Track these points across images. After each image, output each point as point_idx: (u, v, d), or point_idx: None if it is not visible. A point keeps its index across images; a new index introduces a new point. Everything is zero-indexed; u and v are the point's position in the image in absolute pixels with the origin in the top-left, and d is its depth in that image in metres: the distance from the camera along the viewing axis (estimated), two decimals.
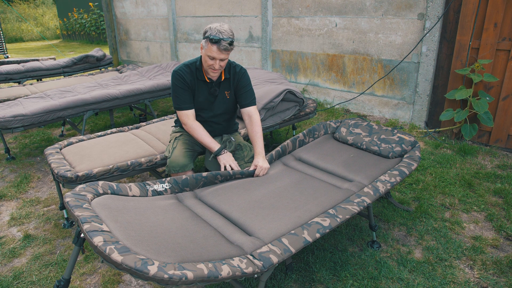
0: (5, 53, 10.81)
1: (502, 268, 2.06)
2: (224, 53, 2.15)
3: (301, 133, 2.74)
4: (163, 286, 1.25)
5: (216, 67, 2.21)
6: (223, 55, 2.16)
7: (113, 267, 1.25)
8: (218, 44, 2.11)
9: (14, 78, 5.26)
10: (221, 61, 2.20)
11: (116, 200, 1.67)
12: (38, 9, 18.39)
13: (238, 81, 2.41)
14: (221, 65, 2.22)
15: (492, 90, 3.52)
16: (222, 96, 2.43)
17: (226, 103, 2.46)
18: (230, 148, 2.43)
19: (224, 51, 2.14)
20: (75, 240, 1.56)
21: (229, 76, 2.40)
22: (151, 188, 1.95)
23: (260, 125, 2.43)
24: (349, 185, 2.16)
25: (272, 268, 1.53)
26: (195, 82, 2.36)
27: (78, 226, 1.42)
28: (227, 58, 2.22)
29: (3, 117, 3.26)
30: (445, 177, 3.03)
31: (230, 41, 2.14)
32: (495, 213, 2.56)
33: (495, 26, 3.37)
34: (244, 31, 5.77)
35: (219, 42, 2.11)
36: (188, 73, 2.33)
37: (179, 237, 1.55)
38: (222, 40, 2.11)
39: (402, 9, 4.00)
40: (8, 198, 3.01)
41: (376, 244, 2.26)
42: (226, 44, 2.12)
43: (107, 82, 4.54)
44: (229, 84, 2.43)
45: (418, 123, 4.13)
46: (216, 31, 2.11)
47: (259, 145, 2.36)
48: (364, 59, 4.46)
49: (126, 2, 7.99)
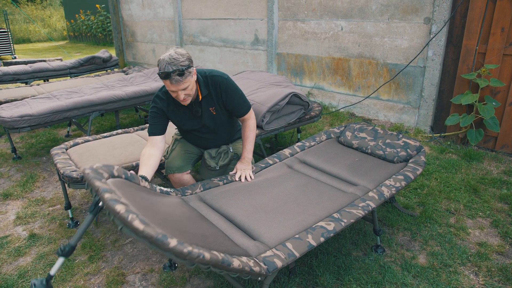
0: (13, 54, 10.92)
1: (508, 275, 2.04)
2: (180, 84, 1.97)
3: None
4: (179, 260, 1.24)
5: (181, 98, 2.03)
6: (181, 86, 1.97)
7: (133, 234, 1.23)
8: (168, 79, 1.94)
9: (22, 78, 5.31)
10: (184, 91, 2.01)
11: (129, 185, 1.67)
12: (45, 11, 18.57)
13: (221, 96, 2.22)
14: (186, 93, 2.04)
15: (498, 95, 3.50)
16: (207, 113, 2.26)
17: (214, 118, 2.29)
18: (224, 161, 2.36)
19: (178, 83, 1.96)
20: (91, 208, 1.53)
21: (207, 92, 2.20)
22: (158, 188, 1.97)
23: (253, 129, 2.34)
24: (354, 189, 2.16)
25: (276, 272, 1.53)
26: (173, 106, 2.22)
27: (96, 195, 1.39)
28: (189, 85, 2.01)
29: (10, 117, 3.29)
30: (450, 182, 3.02)
31: (178, 73, 1.92)
32: (501, 219, 2.54)
33: (502, 31, 3.35)
34: (249, 34, 5.79)
35: (169, 77, 1.93)
36: (165, 100, 2.21)
37: (190, 228, 1.55)
38: (171, 74, 1.91)
39: (408, 13, 4.00)
40: (14, 197, 3.03)
41: (380, 248, 2.25)
42: (175, 76, 1.92)
43: (113, 83, 4.57)
44: (212, 100, 2.23)
45: (423, 128, 4.12)
46: (165, 63, 1.92)
47: (247, 149, 2.33)
48: (370, 63, 4.46)
49: (133, 4, 8.05)
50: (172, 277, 2.11)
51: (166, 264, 2.20)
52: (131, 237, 2.49)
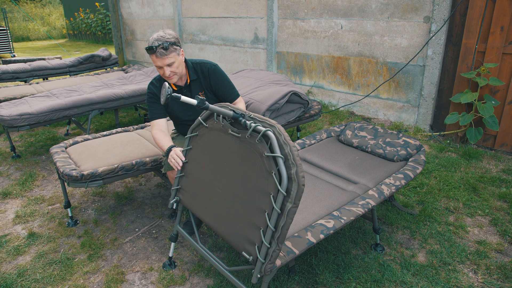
0: (12, 52, 10.90)
1: (507, 273, 2.05)
2: (165, 58, 2.08)
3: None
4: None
5: (167, 74, 2.14)
6: (166, 61, 2.09)
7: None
8: (154, 52, 2.06)
9: (21, 77, 5.30)
10: (169, 67, 2.12)
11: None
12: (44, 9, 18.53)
13: (210, 81, 2.33)
14: (171, 70, 2.14)
15: (498, 94, 3.50)
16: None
17: None
18: None
19: (163, 56, 2.07)
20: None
21: (196, 77, 2.32)
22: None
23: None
24: (354, 187, 2.16)
25: (275, 270, 1.53)
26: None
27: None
28: (174, 62, 2.12)
29: (9, 115, 3.28)
30: (449, 180, 3.02)
31: (163, 46, 2.04)
32: (500, 217, 2.55)
33: (502, 30, 3.35)
34: (249, 33, 5.78)
35: (154, 50, 2.05)
36: (158, 87, 2.31)
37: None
38: (156, 47, 2.04)
39: (408, 12, 3.99)
40: (13, 196, 3.03)
41: (379, 247, 2.26)
42: (160, 49, 2.05)
43: (113, 81, 4.57)
44: (200, 85, 2.34)
45: (423, 126, 4.12)
46: (152, 40, 2.07)
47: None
48: (370, 61, 4.46)
49: (132, 3, 8.03)
50: (171, 276, 2.11)
51: (165, 262, 2.20)
52: (131, 236, 2.50)
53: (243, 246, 1.55)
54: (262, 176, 1.48)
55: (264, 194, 1.47)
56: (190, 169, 1.90)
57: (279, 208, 1.40)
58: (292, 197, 1.38)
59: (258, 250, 1.46)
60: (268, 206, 1.45)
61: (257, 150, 1.50)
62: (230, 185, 1.65)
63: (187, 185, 1.91)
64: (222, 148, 1.69)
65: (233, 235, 1.60)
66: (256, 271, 1.46)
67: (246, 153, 1.55)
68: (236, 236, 1.59)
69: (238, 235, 1.57)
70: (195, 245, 1.95)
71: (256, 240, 1.49)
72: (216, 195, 1.71)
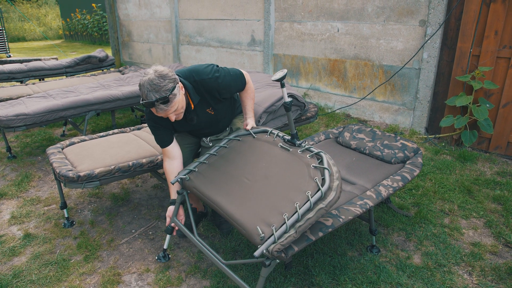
0: (8, 53, 10.84)
1: (501, 274, 2.07)
2: (167, 110, 1.86)
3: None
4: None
5: (172, 119, 1.94)
6: (169, 111, 1.87)
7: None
8: (153, 106, 1.84)
9: (17, 77, 5.27)
10: (174, 111, 1.91)
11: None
12: (41, 9, 18.46)
13: (216, 93, 2.10)
14: (176, 113, 1.94)
15: (492, 97, 3.54)
16: (205, 115, 2.19)
17: (213, 116, 2.23)
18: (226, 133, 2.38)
19: (164, 110, 1.85)
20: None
21: (199, 97, 2.09)
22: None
23: (250, 95, 2.28)
24: (352, 187, 2.18)
25: (274, 265, 1.56)
26: (166, 118, 2.09)
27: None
28: (177, 106, 1.89)
29: (5, 116, 3.27)
30: (444, 183, 3.04)
31: (163, 101, 1.80)
32: (494, 219, 2.57)
33: (496, 34, 3.39)
34: (246, 35, 5.80)
35: (153, 106, 1.83)
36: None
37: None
38: (155, 103, 1.80)
39: (404, 15, 4.03)
40: (9, 196, 3.01)
41: (375, 248, 2.27)
42: (160, 105, 1.81)
43: (109, 83, 4.56)
44: (207, 102, 2.14)
45: (418, 129, 4.15)
46: (146, 91, 1.79)
47: (248, 107, 2.30)
48: (366, 64, 4.49)
49: (129, 4, 8.03)
50: (168, 277, 2.11)
51: (160, 255, 2.20)
52: (127, 237, 2.49)
53: (257, 225, 1.62)
54: (304, 179, 1.73)
55: (300, 191, 1.68)
56: (217, 162, 2.09)
57: (312, 203, 1.59)
58: (327, 201, 1.59)
59: (275, 230, 1.56)
60: (300, 199, 1.64)
61: (305, 162, 1.82)
62: (261, 179, 1.85)
63: (206, 171, 2.05)
64: (266, 154, 1.99)
65: (247, 214, 1.69)
66: (264, 246, 1.52)
67: (292, 162, 1.86)
68: (251, 215, 1.68)
69: (254, 216, 1.67)
70: (193, 238, 1.95)
71: (274, 222, 1.60)
72: (240, 183, 1.88)
